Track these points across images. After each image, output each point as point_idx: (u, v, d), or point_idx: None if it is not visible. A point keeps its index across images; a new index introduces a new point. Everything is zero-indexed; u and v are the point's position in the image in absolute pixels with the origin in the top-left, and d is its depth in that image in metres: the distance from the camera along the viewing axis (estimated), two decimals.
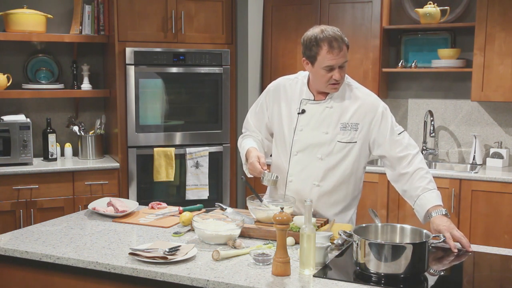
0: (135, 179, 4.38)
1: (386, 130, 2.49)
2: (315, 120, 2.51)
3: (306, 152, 2.52)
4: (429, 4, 4.32)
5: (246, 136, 2.74)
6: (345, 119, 2.49)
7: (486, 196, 3.90)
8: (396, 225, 2.15)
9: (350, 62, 4.47)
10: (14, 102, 4.48)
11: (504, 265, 2.19)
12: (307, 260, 1.96)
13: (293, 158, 2.55)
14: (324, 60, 2.38)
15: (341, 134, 2.48)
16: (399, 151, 2.48)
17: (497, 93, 4.08)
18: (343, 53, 2.38)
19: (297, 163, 2.55)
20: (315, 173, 2.52)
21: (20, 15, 4.17)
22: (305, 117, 2.52)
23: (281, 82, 2.66)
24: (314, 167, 2.52)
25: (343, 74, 2.43)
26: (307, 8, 4.62)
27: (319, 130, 2.50)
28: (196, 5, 4.50)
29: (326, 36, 2.35)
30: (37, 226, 2.57)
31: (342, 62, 2.39)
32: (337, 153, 2.50)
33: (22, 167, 4.05)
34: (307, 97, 2.54)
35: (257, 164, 2.48)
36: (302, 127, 2.53)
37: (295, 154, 2.55)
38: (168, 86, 4.49)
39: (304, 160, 2.53)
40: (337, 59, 2.37)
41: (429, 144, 4.60)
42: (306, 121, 2.52)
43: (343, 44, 2.37)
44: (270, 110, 2.66)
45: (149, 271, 1.99)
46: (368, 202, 4.21)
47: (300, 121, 2.53)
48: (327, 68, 2.39)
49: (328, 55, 2.36)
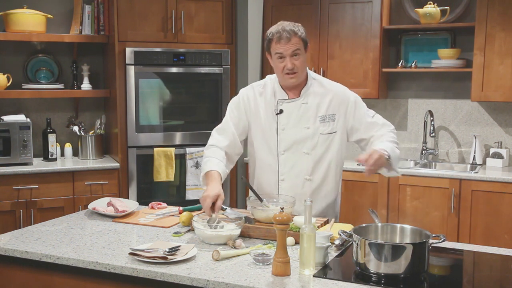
0: (135, 179, 4.38)
1: (362, 116, 2.63)
2: (294, 117, 2.60)
3: (292, 149, 2.61)
4: (429, 4, 4.32)
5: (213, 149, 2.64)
6: (322, 112, 2.60)
7: (486, 196, 3.90)
8: (396, 225, 2.15)
9: (350, 62, 4.51)
10: (14, 102, 4.48)
11: (504, 265, 2.19)
12: (307, 260, 1.96)
13: (281, 157, 2.62)
14: (274, 50, 2.53)
15: (321, 126, 2.60)
16: (376, 130, 2.61)
17: (497, 93, 4.08)
18: (293, 43, 2.49)
19: (286, 161, 2.62)
20: (304, 168, 2.61)
21: (20, 15, 4.17)
22: (284, 116, 2.61)
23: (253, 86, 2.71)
24: (303, 162, 2.61)
25: (296, 64, 2.52)
26: (307, 8, 4.62)
27: (301, 126, 2.60)
28: (196, 5, 4.51)
29: (277, 30, 2.52)
30: (37, 226, 2.57)
31: (292, 50, 2.49)
32: (321, 145, 2.61)
33: (22, 167, 4.05)
34: (281, 97, 2.63)
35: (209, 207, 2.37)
36: (283, 126, 2.61)
37: (282, 153, 2.62)
38: (168, 86, 4.49)
39: (292, 157, 2.61)
40: (285, 47, 2.49)
41: (429, 144, 4.60)
42: (286, 120, 2.61)
43: (293, 35, 2.49)
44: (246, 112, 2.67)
45: (149, 271, 1.99)
46: (368, 202, 4.22)
47: (280, 121, 2.61)
48: (277, 56, 2.52)
49: (277, 45, 2.51)
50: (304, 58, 2.55)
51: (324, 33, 4.57)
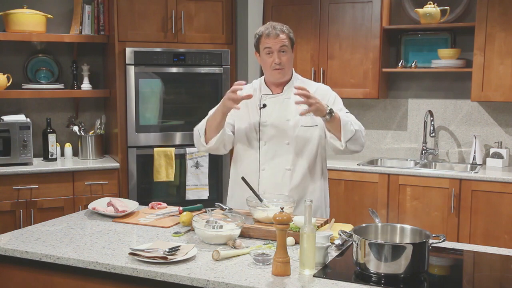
0: (135, 179, 4.38)
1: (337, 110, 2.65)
2: (277, 111, 2.71)
3: (273, 140, 2.69)
4: (429, 4, 4.32)
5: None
6: (303, 106, 2.60)
7: (486, 196, 3.90)
8: (396, 225, 2.15)
9: (350, 62, 4.51)
10: (14, 102, 4.48)
11: (504, 265, 2.19)
12: (307, 260, 1.96)
13: (263, 148, 2.71)
14: (263, 45, 2.65)
15: (303, 119, 2.68)
16: None
17: (497, 93, 4.08)
18: (281, 39, 2.62)
19: (267, 152, 2.70)
20: (285, 158, 2.69)
21: (20, 15, 4.17)
22: (267, 110, 2.72)
23: None
24: (284, 153, 2.69)
25: (284, 59, 2.64)
26: (307, 8, 4.62)
27: (282, 119, 2.70)
28: (196, 5, 4.51)
29: (266, 27, 2.67)
30: (37, 226, 2.57)
31: (280, 45, 2.62)
32: (302, 137, 2.70)
33: (22, 167, 4.05)
34: (265, 92, 2.75)
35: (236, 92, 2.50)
36: (265, 119, 2.72)
37: (264, 145, 2.70)
38: (168, 86, 4.49)
39: (273, 148, 2.69)
40: (274, 41, 2.62)
41: (429, 144, 4.60)
42: (268, 113, 2.72)
43: (281, 32, 2.64)
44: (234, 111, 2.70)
45: (149, 271, 1.99)
46: (368, 202, 4.22)
47: (263, 115, 2.72)
48: (266, 51, 2.64)
49: (265, 40, 2.64)
50: (290, 56, 2.68)
51: (324, 33, 4.57)
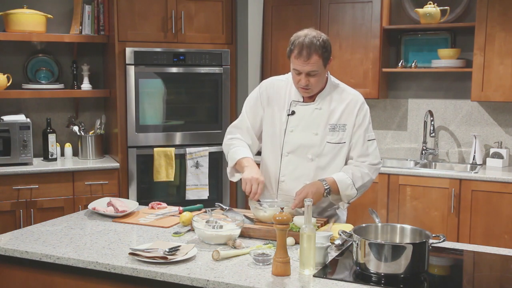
0: (135, 179, 4.38)
1: (359, 133, 2.55)
2: (305, 121, 2.56)
3: (296, 152, 2.57)
4: (429, 4, 4.32)
5: (237, 139, 2.68)
6: (333, 120, 2.55)
7: (486, 196, 3.90)
8: (396, 225, 2.15)
9: (350, 62, 4.51)
10: (14, 102, 4.48)
11: (504, 265, 2.19)
12: (307, 260, 1.96)
13: (284, 159, 2.59)
14: (292, 63, 2.47)
15: (330, 135, 2.54)
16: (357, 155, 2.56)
17: (497, 93, 4.08)
18: (312, 62, 2.41)
19: (289, 164, 2.59)
20: (306, 173, 2.56)
21: (20, 15, 4.17)
22: (295, 119, 2.57)
23: (274, 82, 2.69)
24: (305, 168, 2.56)
25: (312, 81, 2.46)
26: (307, 8, 4.62)
27: (309, 131, 2.55)
28: (196, 5, 4.50)
29: (300, 42, 2.42)
30: (37, 226, 2.57)
31: (308, 70, 2.43)
32: (327, 154, 2.55)
33: (22, 167, 4.05)
34: (296, 99, 2.59)
35: (256, 185, 2.44)
36: (292, 128, 2.57)
37: (286, 155, 2.59)
38: (168, 86, 4.49)
39: (295, 161, 2.57)
40: (303, 65, 2.42)
41: (429, 144, 4.60)
42: (296, 122, 2.57)
43: (314, 53, 2.40)
44: (263, 106, 2.66)
45: (149, 271, 1.99)
46: (368, 202, 4.21)
47: (290, 123, 2.58)
48: (295, 71, 2.47)
49: (295, 60, 2.43)
50: (321, 76, 2.48)
51: (324, 33, 4.55)
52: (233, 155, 2.60)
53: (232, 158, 2.60)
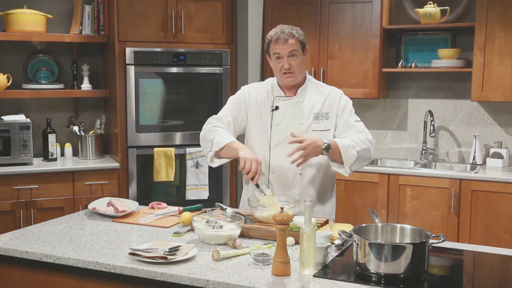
0: (135, 179, 4.38)
1: (345, 116, 2.67)
2: (289, 114, 2.68)
3: (284, 144, 2.63)
4: (429, 4, 4.32)
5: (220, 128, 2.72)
6: (316, 110, 2.67)
7: (486, 196, 3.90)
8: (396, 225, 2.15)
9: (350, 62, 4.51)
10: (14, 102, 4.48)
11: (504, 265, 2.19)
12: (307, 260, 1.96)
13: (273, 151, 2.68)
14: (273, 50, 2.63)
15: (314, 123, 2.67)
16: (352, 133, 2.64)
17: (497, 93, 4.08)
18: (290, 44, 2.58)
19: (278, 155, 2.67)
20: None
21: (20, 15, 4.17)
22: (279, 113, 2.69)
23: (255, 84, 2.87)
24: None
25: (293, 64, 2.61)
26: (307, 8, 4.62)
27: (294, 122, 2.67)
28: (196, 5, 4.50)
29: (275, 32, 2.63)
30: (37, 226, 2.57)
31: (289, 50, 2.59)
32: None
33: (22, 167, 4.05)
34: (278, 94, 2.72)
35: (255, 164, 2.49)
36: (277, 121, 2.69)
37: (274, 147, 2.68)
38: (168, 86, 4.49)
39: (284, 152, 2.62)
40: (283, 47, 2.59)
41: (429, 144, 4.60)
42: (280, 116, 2.69)
43: (290, 36, 2.59)
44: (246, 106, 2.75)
45: (149, 271, 1.99)
46: (368, 202, 4.21)
47: (275, 117, 2.70)
48: (276, 56, 2.62)
49: (275, 45, 2.61)
50: (301, 60, 2.64)
51: (324, 33, 4.57)
52: (220, 139, 2.63)
53: (219, 142, 2.63)
